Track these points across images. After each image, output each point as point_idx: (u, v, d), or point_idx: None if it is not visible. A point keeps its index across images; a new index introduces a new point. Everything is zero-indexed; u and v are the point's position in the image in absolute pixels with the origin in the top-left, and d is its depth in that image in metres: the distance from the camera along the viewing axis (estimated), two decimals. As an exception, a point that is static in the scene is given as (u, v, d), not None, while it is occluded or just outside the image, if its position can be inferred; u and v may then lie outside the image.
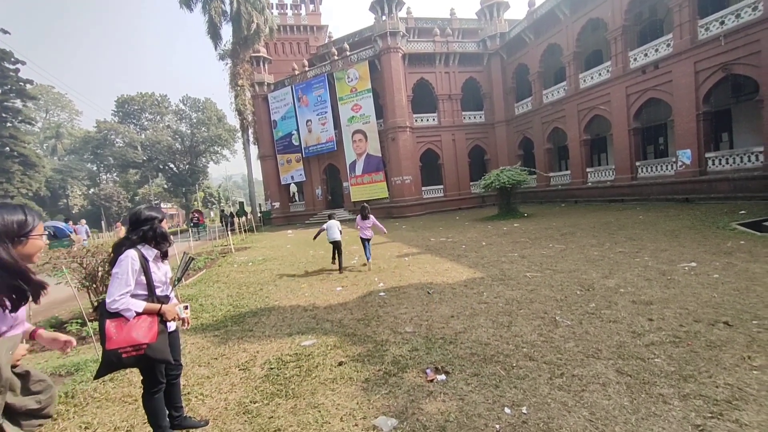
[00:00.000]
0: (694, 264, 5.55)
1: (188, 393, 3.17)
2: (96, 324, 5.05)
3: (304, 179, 27.39)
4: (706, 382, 2.55)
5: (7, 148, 35.66)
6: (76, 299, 5.38)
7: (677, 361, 2.86)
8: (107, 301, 2.18)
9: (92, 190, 57.66)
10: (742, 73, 12.30)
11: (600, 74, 17.77)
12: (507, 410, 2.50)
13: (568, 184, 20.32)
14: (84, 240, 16.82)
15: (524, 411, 2.47)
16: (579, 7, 17.94)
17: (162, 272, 2.45)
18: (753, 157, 12.28)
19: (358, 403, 2.76)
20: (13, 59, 34.79)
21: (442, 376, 3.04)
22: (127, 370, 3.71)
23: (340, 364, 3.47)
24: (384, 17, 22.09)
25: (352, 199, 25.02)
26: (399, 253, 9.62)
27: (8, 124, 36.00)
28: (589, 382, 2.70)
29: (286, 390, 3.07)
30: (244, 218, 25.10)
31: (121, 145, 52.24)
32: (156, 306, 2.32)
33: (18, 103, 37.49)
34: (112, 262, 2.29)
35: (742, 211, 9.83)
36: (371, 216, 8.49)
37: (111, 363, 2.15)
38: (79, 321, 5.25)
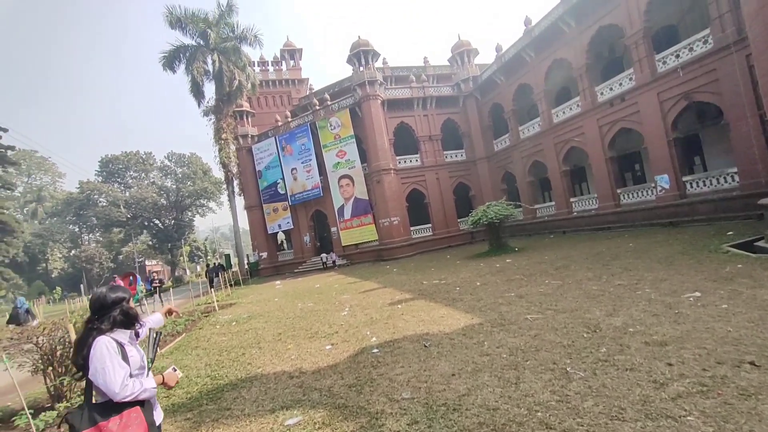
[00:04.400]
0: (698, 294, 5.31)
1: (146, 506, 2.62)
2: (50, 414, 4.43)
3: (292, 227, 27.05)
4: (753, 446, 2.20)
5: (-17, 216, 34.66)
6: (29, 384, 4.77)
7: (713, 419, 2.50)
8: (115, 392, 1.83)
9: (73, 252, 55.88)
10: (705, 100, 12.93)
11: (571, 109, 18.57)
12: (529, 503, 2.07)
13: (554, 215, 20.47)
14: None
15: (550, 503, 2.05)
16: (542, 49, 19.12)
17: (139, 355, 2.12)
18: (729, 178, 12.59)
19: (350, 506, 2.29)
20: (-6, 127, 34.84)
21: (448, 458, 2.60)
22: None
23: (329, 448, 2.99)
24: (361, 68, 23.12)
25: (342, 244, 24.64)
26: (391, 300, 9.17)
27: (-15, 191, 35.28)
28: (619, 456, 2.31)
29: (265, 492, 2.57)
30: (223, 272, 23.71)
31: (104, 204, 51.50)
32: (159, 378, 2.19)
33: (-2, 170, 37.08)
34: (76, 362, 1.98)
35: (730, 232, 9.83)
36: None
37: None
38: (32, 411, 4.59)
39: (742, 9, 8.80)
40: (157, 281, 18.52)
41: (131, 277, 19.40)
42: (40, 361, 4.65)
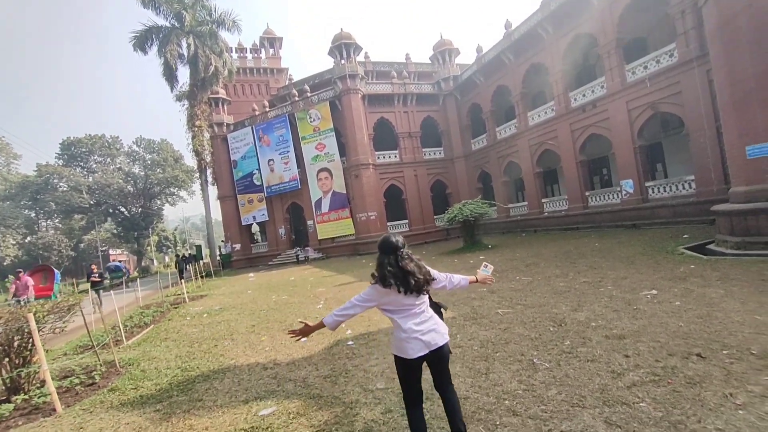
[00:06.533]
0: (655, 291, 5.68)
1: (114, 496, 2.58)
2: (6, 407, 4.23)
3: (267, 219, 26.58)
4: (696, 428, 2.41)
5: (-75, 197, 31.90)
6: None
7: (663, 405, 2.72)
8: (442, 278, 2.61)
9: (29, 238, 52.41)
10: (669, 111, 13.70)
11: (546, 112, 19.17)
12: (496, 483, 2.20)
13: (527, 215, 21.15)
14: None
15: (515, 483, 2.18)
16: (521, 53, 19.60)
17: None
18: (686, 185, 13.43)
19: (324, 491, 2.34)
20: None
21: (421, 444, 2.69)
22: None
23: (304, 437, 3.02)
24: (343, 61, 22.90)
25: (318, 237, 24.49)
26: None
27: (-72, 171, 32.45)
28: (579, 439, 2.48)
29: (239, 480, 2.58)
30: (194, 263, 23.06)
31: (65, 189, 48.50)
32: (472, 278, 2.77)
33: (-58, 148, 34.16)
34: (420, 286, 2.31)
35: (686, 235, 10.53)
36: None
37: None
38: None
39: (705, 26, 9.37)
40: (96, 275, 14.81)
41: (44, 273, 15.47)
42: (-6, 354, 4.40)
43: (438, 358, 2.34)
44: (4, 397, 4.58)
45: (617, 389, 3.04)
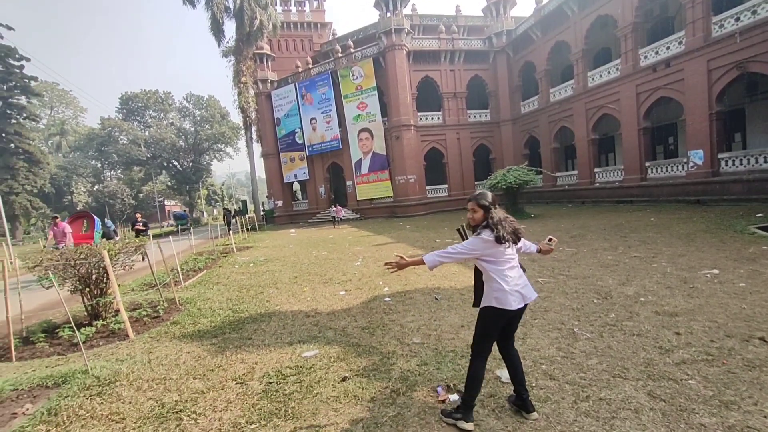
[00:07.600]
0: (716, 271, 5.27)
1: (180, 411, 2.95)
2: (89, 329, 4.87)
3: (308, 178, 27.19)
4: (751, 410, 2.29)
5: (12, 145, 35.66)
6: (69, 303, 5.19)
7: (715, 384, 2.60)
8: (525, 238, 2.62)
9: (96, 186, 57.78)
10: (759, 71, 11.92)
11: (609, 72, 17.40)
12: (529, 439, 2.26)
13: (575, 185, 19.97)
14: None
15: (548, 441, 2.22)
16: (588, 3, 17.56)
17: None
18: (769, 157, 11.91)
19: (363, 427, 2.53)
20: (17, 56, 34.71)
21: (455, 396, 2.80)
22: (123, 386, 3.50)
23: (344, 379, 3.24)
24: (389, 14, 21.80)
25: (357, 198, 24.83)
26: (404, 255, 9.35)
27: (13, 121, 36.00)
28: (619, 408, 2.45)
29: (286, 409, 2.85)
30: (241, 217, 24.42)
31: (125, 142, 52.28)
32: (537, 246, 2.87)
33: (23, 100, 37.49)
34: (508, 239, 2.37)
35: (759, 214, 9.50)
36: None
37: None
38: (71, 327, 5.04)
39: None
40: (141, 223, 14.20)
41: (85, 220, 13.82)
42: (78, 283, 5.02)
43: (521, 313, 2.50)
44: (86, 321, 5.27)
45: (664, 365, 2.93)
